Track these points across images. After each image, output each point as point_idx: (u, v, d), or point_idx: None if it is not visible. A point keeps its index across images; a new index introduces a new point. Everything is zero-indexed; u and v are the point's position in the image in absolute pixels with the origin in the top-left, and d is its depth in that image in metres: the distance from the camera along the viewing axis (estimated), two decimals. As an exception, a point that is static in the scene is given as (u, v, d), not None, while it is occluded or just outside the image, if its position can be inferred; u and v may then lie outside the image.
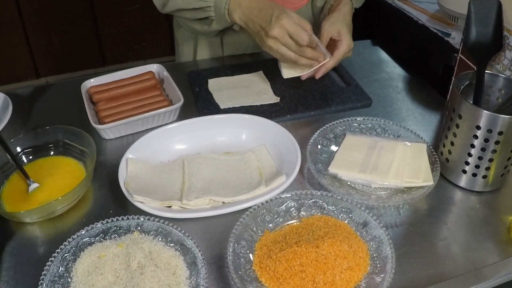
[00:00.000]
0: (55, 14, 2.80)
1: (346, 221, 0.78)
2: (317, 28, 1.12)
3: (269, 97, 1.09)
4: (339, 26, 1.04)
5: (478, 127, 0.79)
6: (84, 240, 0.73)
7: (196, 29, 1.15)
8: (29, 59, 2.90)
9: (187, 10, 1.08)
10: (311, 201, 0.80)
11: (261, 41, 1.00)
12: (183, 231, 0.74)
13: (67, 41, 2.92)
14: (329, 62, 1.02)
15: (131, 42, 3.06)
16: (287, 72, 1.04)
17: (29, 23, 2.77)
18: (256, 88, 1.12)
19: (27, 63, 2.91)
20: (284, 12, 0.95)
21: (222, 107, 1.05)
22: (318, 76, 1.04)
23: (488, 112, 0.78)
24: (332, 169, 0.87)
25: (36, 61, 2.93)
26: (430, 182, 0.84)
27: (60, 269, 0.70)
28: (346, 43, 1.03)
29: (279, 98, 1.08)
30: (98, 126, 0.94)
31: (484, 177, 0.84)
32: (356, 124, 0.98)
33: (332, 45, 1.05)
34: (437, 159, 0.88)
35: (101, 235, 0.74)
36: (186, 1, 1.06)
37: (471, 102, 0.84)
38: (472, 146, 0.81)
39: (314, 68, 1.02)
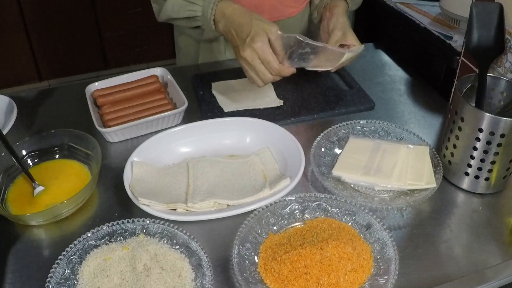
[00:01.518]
0: (58, 17, 2.81)
1: (349, 223, 0.78)
2: (315, 31, 1.12)
3: (273, 100, 1.09)
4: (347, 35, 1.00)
5: (481, 130, 0.79)
6: (90, 242, 0.74)
7: (192, 35, 1.15)
8: (31, 61, 2.91)
9: (179, 19, 1.08)
10: (315, 203, 0.81)
11: (236, 57, 0.97)
12: (188, 234, 0.75)
13: (69, 44, 2.93)
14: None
15: (133, 45, 3.07)
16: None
17: (32, 26, 2.79)
18: (259, 91, 1.12)
19: (29, 66, 2.92)
20: (260, 34, 0.90)
21: (226, 110, 1.06)
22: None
23: (490, 115, 0.78)
24: (335, 172, 0.88)
25: (38, 64, 2.94)
26: (433, 185, 0.84)
27: (66, 272, 0.70)
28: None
29: (282, 101, 1.09)
30: (102, 130, 0.95)
31: (487, 179, 0.84)
32: (359, 127, 0.98)
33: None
34: (439, 161, 0.89)
35: (106, 237, 0.75)
36: (175, 10, 1.05)
37: (473, 105, 0.85)
38: (475, 148, 0.82)
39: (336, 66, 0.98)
